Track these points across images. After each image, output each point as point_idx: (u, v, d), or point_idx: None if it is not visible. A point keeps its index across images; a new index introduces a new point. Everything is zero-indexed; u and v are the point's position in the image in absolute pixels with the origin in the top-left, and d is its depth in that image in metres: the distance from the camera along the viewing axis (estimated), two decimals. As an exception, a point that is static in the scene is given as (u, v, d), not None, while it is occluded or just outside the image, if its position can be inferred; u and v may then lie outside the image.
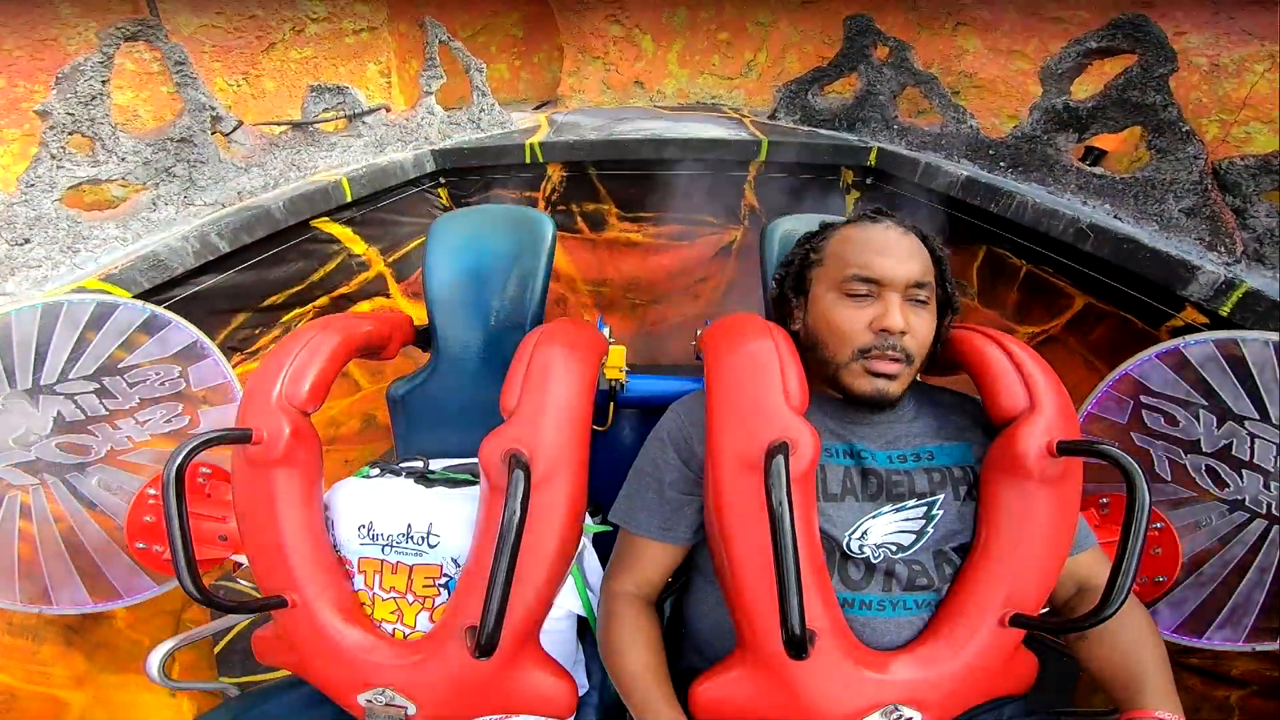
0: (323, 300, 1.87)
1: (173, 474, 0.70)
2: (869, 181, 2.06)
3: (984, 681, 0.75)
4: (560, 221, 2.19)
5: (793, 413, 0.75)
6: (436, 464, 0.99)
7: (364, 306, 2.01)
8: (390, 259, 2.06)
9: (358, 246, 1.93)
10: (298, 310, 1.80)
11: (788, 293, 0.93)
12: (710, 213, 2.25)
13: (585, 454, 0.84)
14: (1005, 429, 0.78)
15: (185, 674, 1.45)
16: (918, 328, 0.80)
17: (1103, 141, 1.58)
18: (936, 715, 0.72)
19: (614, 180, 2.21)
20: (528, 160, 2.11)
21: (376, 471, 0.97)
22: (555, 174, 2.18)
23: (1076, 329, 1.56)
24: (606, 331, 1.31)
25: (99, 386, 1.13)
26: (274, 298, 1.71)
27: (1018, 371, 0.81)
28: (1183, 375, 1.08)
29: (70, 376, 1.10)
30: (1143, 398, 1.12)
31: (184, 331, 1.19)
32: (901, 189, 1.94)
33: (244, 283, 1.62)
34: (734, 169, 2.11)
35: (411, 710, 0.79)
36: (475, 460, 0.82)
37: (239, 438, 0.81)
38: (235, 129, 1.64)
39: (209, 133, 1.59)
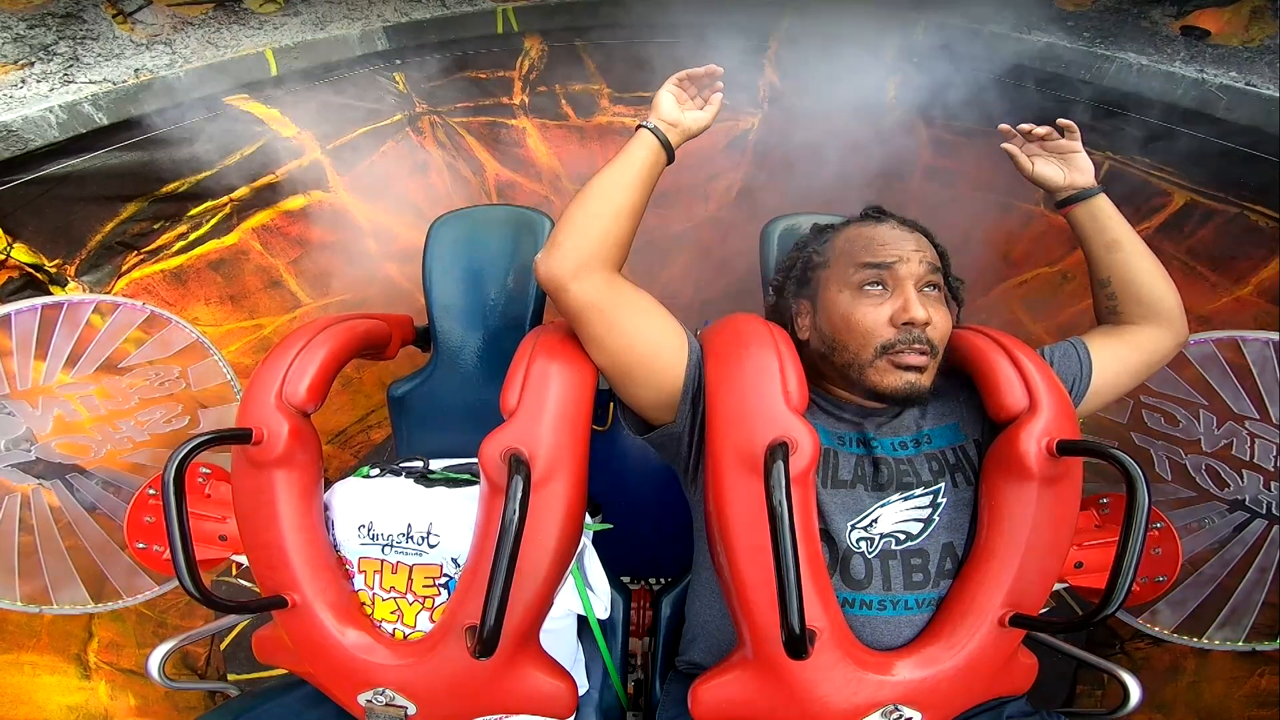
0: (243, 191, 1.58)
1: (173, 474, 0.70)
2: (915, 61, 1.68)
3: (984, 681, 0.75)
4: (541, 105, 1.93)
5: (793, 413, 0.75)
6: (436, 464, 0.99)
7: (298, 201, 1.71)
8: (330, 146, 1.73)
9: (287, 129, 1.62)
10: (209, 202, 1.52)
11: (789, 299, 0.94)
12: (722, 93, 1.96)
13: (585, 454, 0.84)
14: (1005, 429, 0.79)
15: (184, 674, 1.43)
16: (938, 320, 0.82)
17: (1205, 20, 1.39)
18: (936, 715, 0.72)
19: (605, 53, 1.84)
20: (500, 30, 1.77)
21: (376, 471, 0.97)
22: (534, 48, 1.84)
23: (1174, 230, 1.36)
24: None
25: (99, 387, 1.13)
26: (176, 184, 1.43)
27: (1018, 371, 0.81)
28: (1183, 375, 1.08)
29: (70, 377, 1.10)
30: (1143, 397, 1.12)
31: (184, 331, 1.19)
32: (957, 68, 1.59)
33: (135, 164, 1.33)
34: (751, 37, 1.75)
35: (412, 710, 0.79)
36: (475, 460, 0.82)
37: (239, 437, 0.80)
38: (139, 8, 1.42)
39: (104, 7, 1.37)
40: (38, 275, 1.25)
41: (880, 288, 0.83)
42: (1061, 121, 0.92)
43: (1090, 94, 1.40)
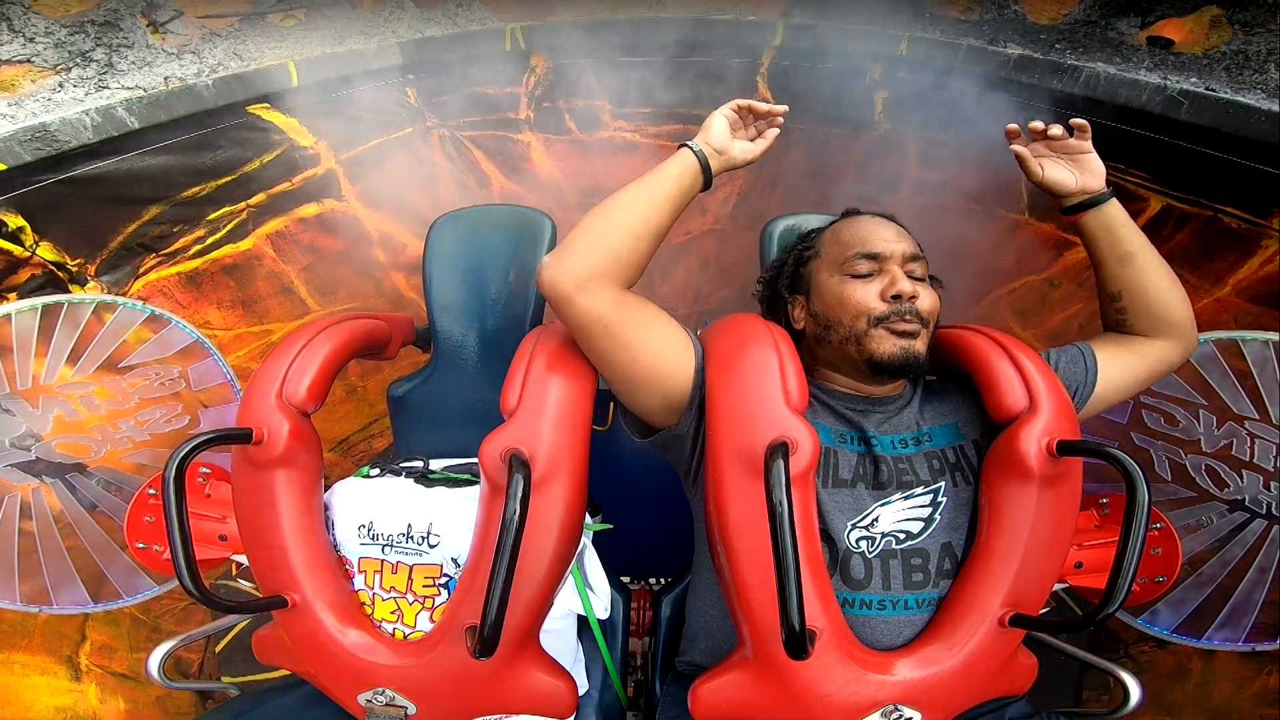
0: (259, 198, 1.64)
1: (173, 474, 0.70)
2: (900, 75, 1.77)
3: (984, 681, 0.75)
4: (546, 121, 1.99)
5: (793, 413, 0.75)
6: (436, 464, 0.99)
7: (311, 209, 1.77)
8: (343, 156, 1.79)
9: (304, 139, 1.67)
10: (228, 207, 1.57)
11: (781, 291, 0.96)
12: (718, 108, 2.00)
13: (585, 454, 0.84)
14: (1005, 429, 0.79)
15: (177, 678, 1.41)
16: (924, 295, 0.85)
17: (1169, 30, 1.44)
18: (936, 715, 0.72)
19: (607, 71, 1.90)
20: (508, 47, 1.84)
21: (376, 471, 0.97)
22: (539, 65, 1.91)
23: (1152, 235, 1.30)
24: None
25: (99, 386, 1.13)
26: (197, 189, 1.48)
27: (1018, 372, 0.81)
28: (1182, 375, 1.08)
29: (70, 377, 1.10)
30: (1143, 397, 1.12)
31: (184, 331, 1.19)
32: (939, 81, 1.66)
33: (160, 168, 1.39)
34: (745, 55, 1.85)
35: (412, 710, 0.79)
36: (475, 460, 0.82)
37: (239, 437, 0.80)
38: (171, 19, 1.47)
39: (139, 17, 1.42)
40: (59, 274, 1.27)
41: (868, 270, 0.86)
42: (1074, 121, 0.88)
43: (1064, 103, 1.44)
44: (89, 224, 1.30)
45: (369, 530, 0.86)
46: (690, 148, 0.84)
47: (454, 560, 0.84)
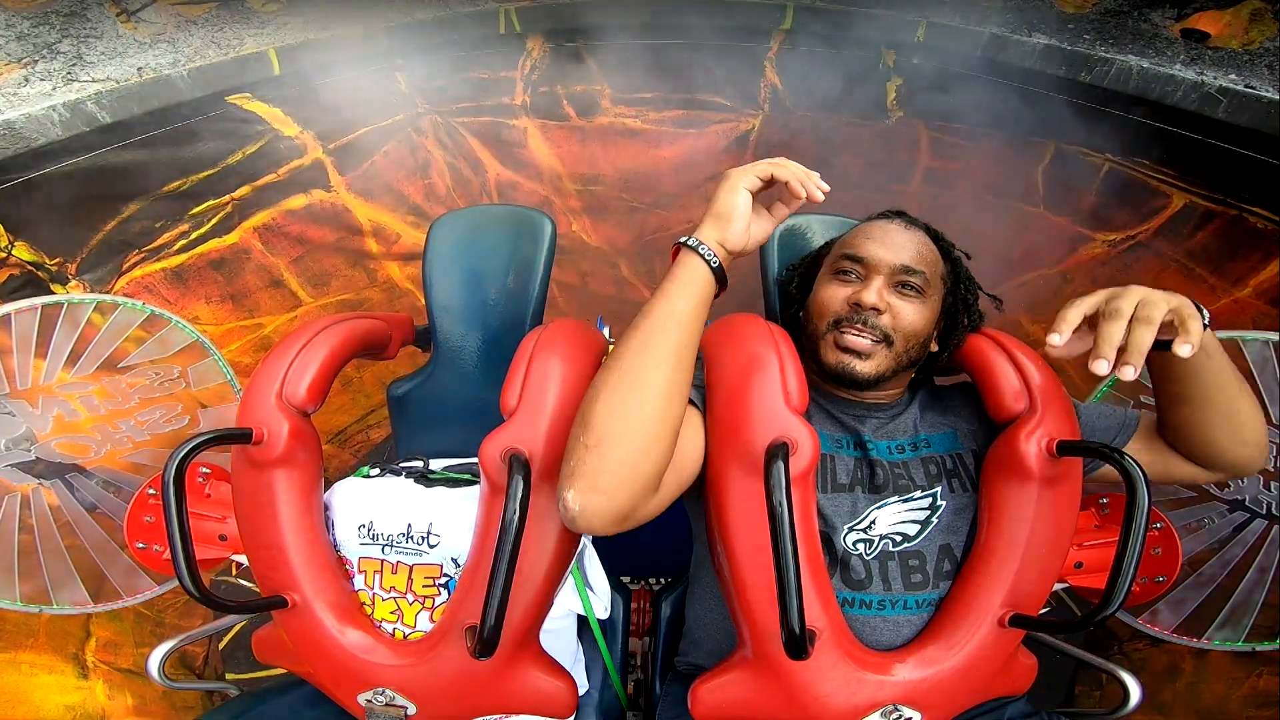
0: (244, 190, 1.59)
1: (172, 474, 0.70)
2: (915, 62, 1.67)
3: (984, 682, 0.75)
4: (542, 106, 1.92)
5: (793, 413, 0.74)
6: (436, 464, 0.99)
7: (299, 200, 1.72)
8: (331, 145, 1.74)
9: (289, 129, 1.63)
10: (211, 201, 1.53)
11: (792, 292, 0.97)
12: (723, 94, 1.90)
13: (585, 454, 0.84)
14: (1005, 429, 0.79)
15: (181, 674, 1.42)
16: (902, 312, 0.82)
17: (1204, 23, 1.37)
18: (936, 715, 0.72)
19: (607, 54, 1.82)
20: (502, 31, 1.76)
21: (376, 471, 0.97)
22: (535, 48, 1.84)
23: (1172, 232, 1.34)
24: (606, 331, 1.31)
25: (99, 386, 1.13)
26: (178, 183, 1.44)
27: (1018, 372, 0.81)
28: (1183, 375, 1.08)
29: (70, 377, 1.10)
30: (1142, 397, 1.12)
31: (184, 331, 1.19)
32: (958, 70, 1.58)
33: (137, 163, 1.35)
34: (752, 40, 1.77)
35: (412, 710, 0.79)
36: (475, 460, 0.82)
37: (239, 437, 0.80)
38: (143, 7, 1.42)
39: (107, 6, 1.38)
40: (38, 273, 1.25)
41: (853, 275, 0.85)
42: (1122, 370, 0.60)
43: (1090, 96, 1.40)
44: (66, 222, 1.28)
45: (369, 530, 0.86)
46: (701, 255, 0.69)
47: (454, 560, 0.84)
